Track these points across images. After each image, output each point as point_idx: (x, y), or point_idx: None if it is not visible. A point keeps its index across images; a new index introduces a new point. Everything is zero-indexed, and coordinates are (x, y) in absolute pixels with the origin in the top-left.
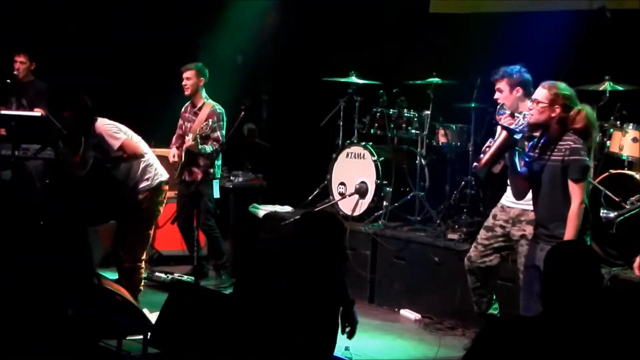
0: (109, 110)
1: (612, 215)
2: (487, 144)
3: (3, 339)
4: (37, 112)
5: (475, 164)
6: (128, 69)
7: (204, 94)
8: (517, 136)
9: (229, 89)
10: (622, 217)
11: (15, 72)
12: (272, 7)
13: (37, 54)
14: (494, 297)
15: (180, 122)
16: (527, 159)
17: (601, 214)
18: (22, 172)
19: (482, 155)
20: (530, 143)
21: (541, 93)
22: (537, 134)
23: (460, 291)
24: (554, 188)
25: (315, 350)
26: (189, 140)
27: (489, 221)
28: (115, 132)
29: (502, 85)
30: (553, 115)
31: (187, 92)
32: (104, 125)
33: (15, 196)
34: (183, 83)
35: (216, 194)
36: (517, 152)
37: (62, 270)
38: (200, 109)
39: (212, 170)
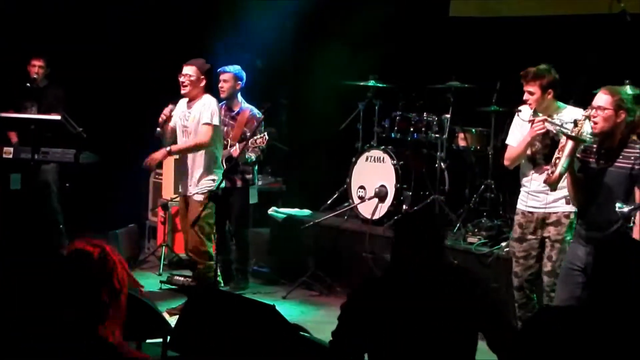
0: (126, 115)
1: (626, 209)
2: (556, 154)
3: (18, 340)
4: (56, 116)
5: (545, 177)
6: (146, 73)
7: (240, 97)
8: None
9: (248, 93)
10: (636, 210)
11: (34, 77)
12: (291, 10)
13: (52, 57)
14: None
15: None
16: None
17: (617, 209)
18: (38, 175)
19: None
20: (583, 147)
21: (604, 99)
22: None
23: None
24: (615, 194)
25: None
26: (235, 149)
27: (517, 232)
28: (215, 113)
29: (534, 88)
30: (619, 121)
31: (223, 95)
32: (214, 101)
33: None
34: (220, 85)
35: (252, 199)
36: (575, 159)
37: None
38: (238, 113)
39: (250, 177)
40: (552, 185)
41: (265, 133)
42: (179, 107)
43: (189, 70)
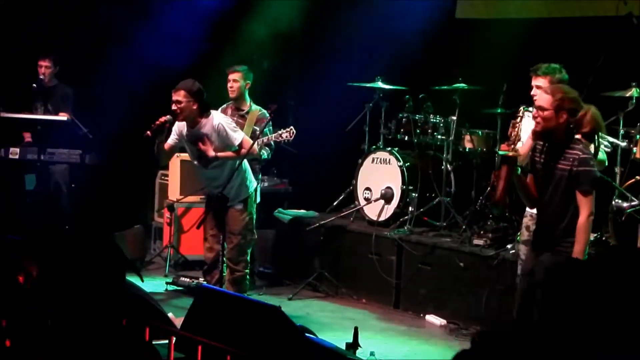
0: (132, 116)
1: (624, 205)
2: (492, 178)
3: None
4: (63, 117)
5: (491, 201)
6: (155, 73)
7: (248, 97)
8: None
9: (255, 94)
10: (632, 210)
11: (41, 77)
12: (298, 11)
13: (60, 58)
14: None
15: None
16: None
17: (613, 202)
18: (48, 176)
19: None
20: (533, 148)
21: (545, 99)
22: None
23: (486, 297)
24: (556, 196)
25: None
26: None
27: (524, 234)
28: (234, 127)
29: (543, 82)
30: (560, 121)
31: (232, 95)
32: (223, 118)
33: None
34: (229, 85)
35: (257, 198)
36: (519, 169)
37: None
38: (247, 113)
39: (256, 176)
40: (497, 208)
41: (292, 127)
42: (179, 129)
43: (177, 96)
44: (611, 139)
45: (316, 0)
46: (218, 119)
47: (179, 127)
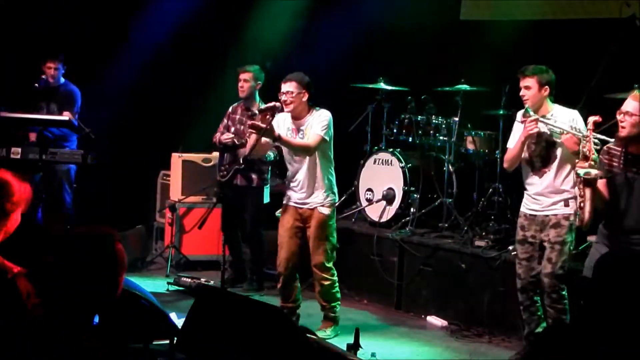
0: (137, 116)
1: None
2: (579, 198)
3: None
4: (65, 117)
5: (581, 224)
6: (157, 74)
7: (258, 97)
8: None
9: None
10: None
11: (48, 78)
12: (302, 12)
13: (66, 58)
14: (542, 314)
15: (227, 122)
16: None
17: None
18: (52, 176)
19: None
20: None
21: (633, 105)
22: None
23: (487, 298)
24: None
25: None
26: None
27: (519, 234)
28: (324, 127)
29: (532, 82)
30: None
31: (242, 95)
32: (329, 115)
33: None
34: (240, 85)
35: (266, 198)
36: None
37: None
38: (254, 115)
39: (266, 176)
40: (586, 226)
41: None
42: (281, 121)
43: (289, 87)
44: None
45: (318, 0)
46: (326, 113)
47: (283, 121)
